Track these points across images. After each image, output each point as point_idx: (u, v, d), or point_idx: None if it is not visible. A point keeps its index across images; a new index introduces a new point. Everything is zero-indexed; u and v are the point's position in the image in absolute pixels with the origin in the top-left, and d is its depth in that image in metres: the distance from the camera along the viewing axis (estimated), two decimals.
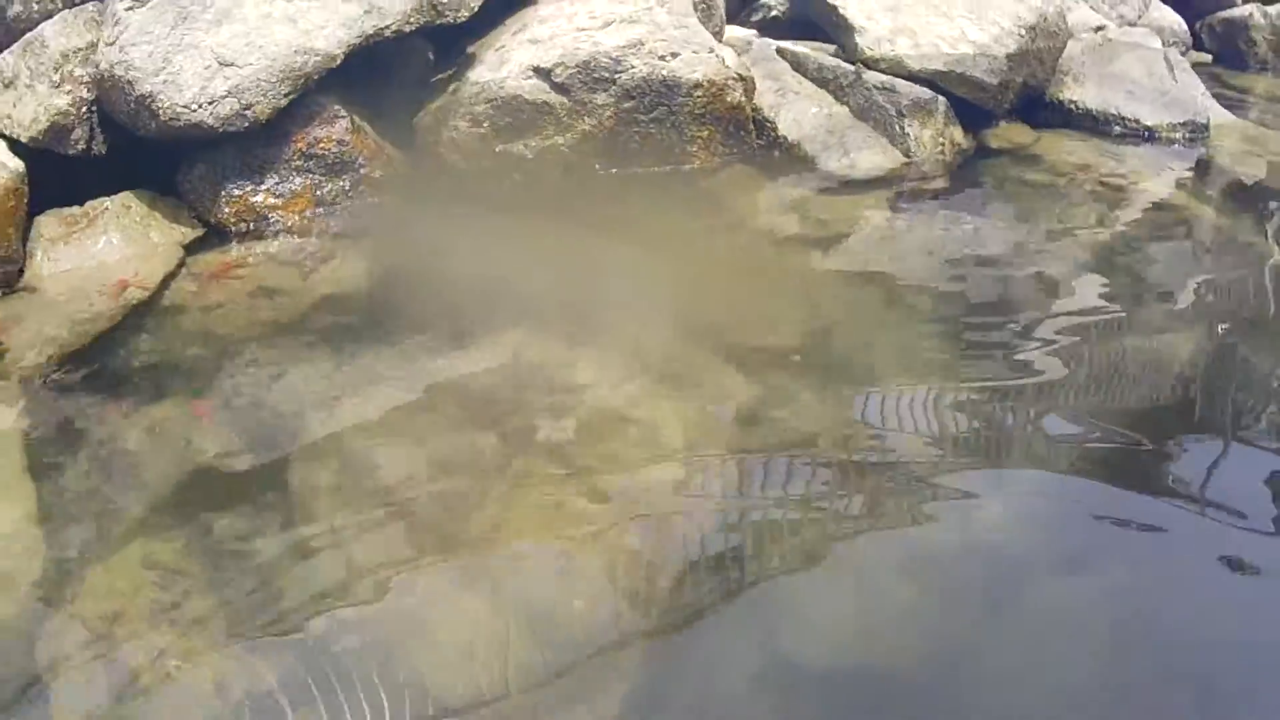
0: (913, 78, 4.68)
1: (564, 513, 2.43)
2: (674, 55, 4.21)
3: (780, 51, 4.73)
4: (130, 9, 4.08)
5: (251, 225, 4.10)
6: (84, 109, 4.18)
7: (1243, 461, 2.65)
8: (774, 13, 5.42)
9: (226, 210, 4.09)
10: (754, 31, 4.99)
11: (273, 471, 2.65)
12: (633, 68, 4.18)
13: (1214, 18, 7.32)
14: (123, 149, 4.22)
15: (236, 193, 4.09)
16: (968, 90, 4.76)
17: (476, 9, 4.38)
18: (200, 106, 3.92)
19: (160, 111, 3.91)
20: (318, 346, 3.27)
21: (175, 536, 2.43)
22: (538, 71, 4.20)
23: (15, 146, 4.14)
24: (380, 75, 4.38)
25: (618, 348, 3.11)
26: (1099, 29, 5.78)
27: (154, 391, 3.09)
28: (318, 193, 4.15)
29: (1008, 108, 4.97)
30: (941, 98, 4.67)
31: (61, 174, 4.20)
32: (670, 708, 1.94)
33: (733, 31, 4.90)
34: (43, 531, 2.50)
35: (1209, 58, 7.24)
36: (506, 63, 4.27)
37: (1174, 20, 6.67)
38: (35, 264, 4.09)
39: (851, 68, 4.61)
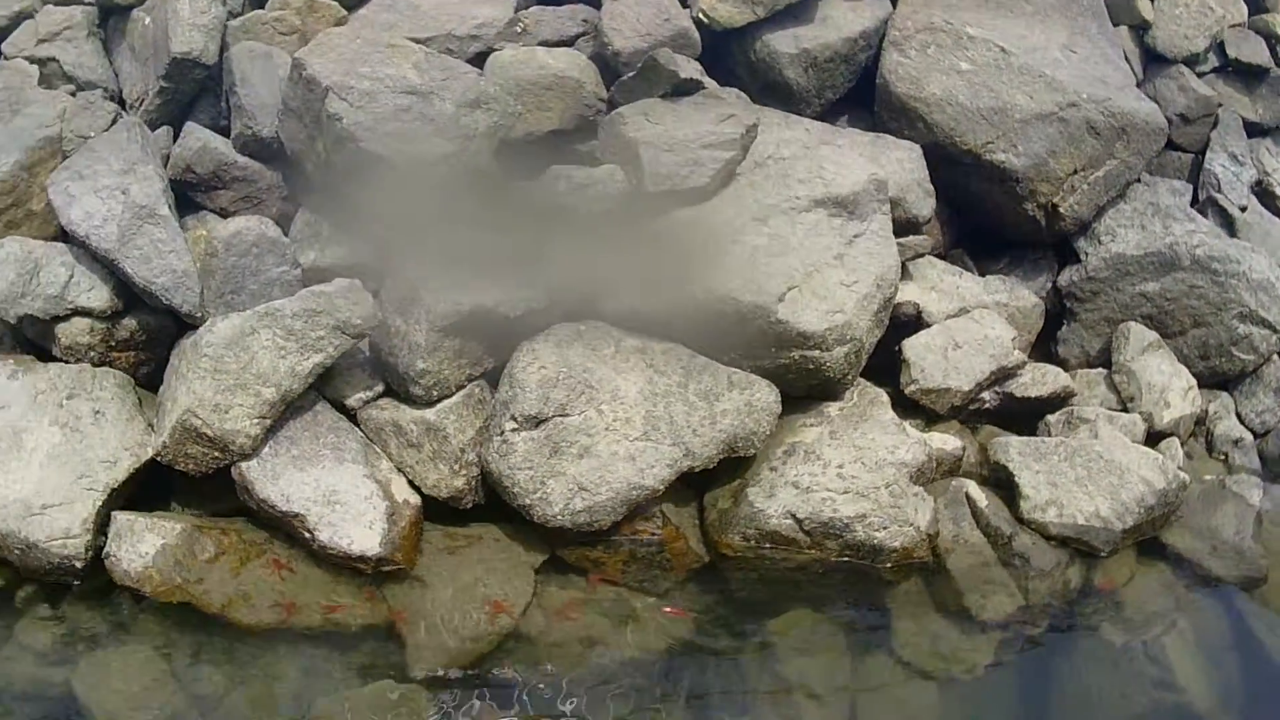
0: (1050, 538, 6.56)
1: None
2: (884, 528, 6.19)
3: (968, 495, 6.61)
4: (515, 430, 6.12)
5: (585, 566, 6.25)
6: (474, 483, 6.30)
7: None
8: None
9: (568, 554, 6.25)
10: (960, 444, 6.84)
11: None
12: (855, 532, 6.21)
13: None
14: (495, 496, 6.32)
15: (576, 548, 6.22)
16: (1090, 550, 6.63)
17: (767, 437, 6.36)
18: (564, 516, 6.04)
19: (534, 516, 6.07)
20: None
21: None
22: (793, 517, 6.22)
23: (412, 485, 6.26)
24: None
25: None
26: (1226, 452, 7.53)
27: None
28: (634, 554, 6.28)
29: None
30: (1064, 558, 6.56)
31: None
32: None
33: (945, 442, 6.75)
34: None
35: None
36: (774, 497, 6.30)
37: None
38: (423, 563, 6.21)
39: (1008, 530, 6.51)
